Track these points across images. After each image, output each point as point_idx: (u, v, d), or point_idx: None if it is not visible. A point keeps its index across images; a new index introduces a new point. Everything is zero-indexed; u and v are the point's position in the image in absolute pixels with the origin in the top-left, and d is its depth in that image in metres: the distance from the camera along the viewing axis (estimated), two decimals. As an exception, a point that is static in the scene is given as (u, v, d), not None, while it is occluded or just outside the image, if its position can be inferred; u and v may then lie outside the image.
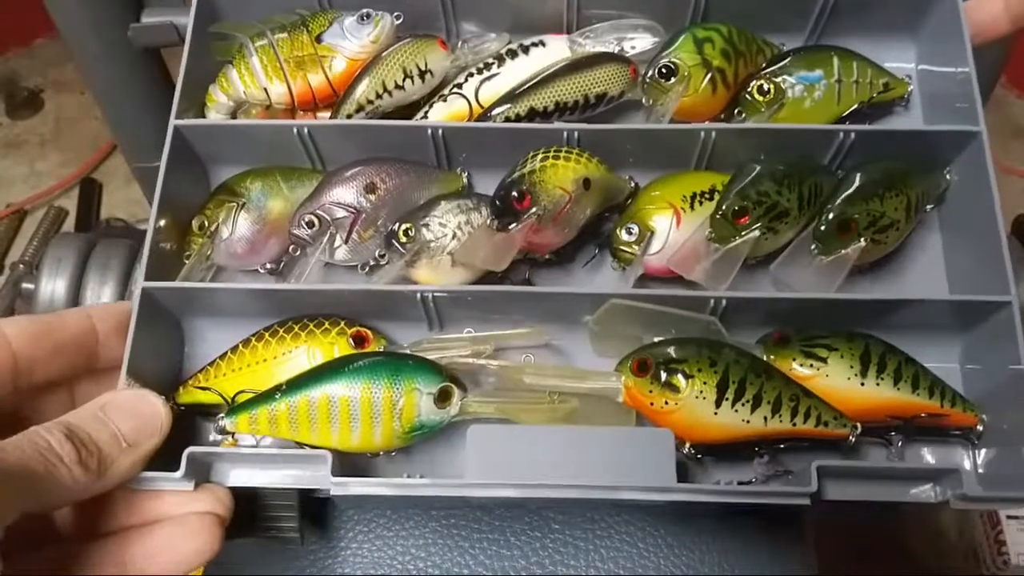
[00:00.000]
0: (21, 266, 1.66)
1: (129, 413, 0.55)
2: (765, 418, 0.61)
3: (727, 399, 0.60)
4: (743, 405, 0.61)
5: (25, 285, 0.88)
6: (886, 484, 0.60)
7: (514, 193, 0.64)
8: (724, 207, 0.64)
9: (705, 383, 0.61)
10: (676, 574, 0.72)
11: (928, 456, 0.65)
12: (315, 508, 0.73)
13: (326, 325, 0.65)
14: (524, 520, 0.74)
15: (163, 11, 0.89)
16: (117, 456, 0.53)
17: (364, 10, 0.72)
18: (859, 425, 0.62)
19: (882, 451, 0.65)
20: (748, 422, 0.61)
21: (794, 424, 0.61)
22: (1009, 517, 1.13)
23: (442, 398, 0.60)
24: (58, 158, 1.97)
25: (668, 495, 0.58)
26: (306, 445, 0.60)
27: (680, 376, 0.61)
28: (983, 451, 0.64)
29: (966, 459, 0.64)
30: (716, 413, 0.60)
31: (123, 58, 0.93)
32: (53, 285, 0.79)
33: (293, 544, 0.64)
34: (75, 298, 0.79)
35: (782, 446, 0.63)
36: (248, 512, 0.61)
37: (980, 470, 0.63)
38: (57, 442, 0.49)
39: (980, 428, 0.63)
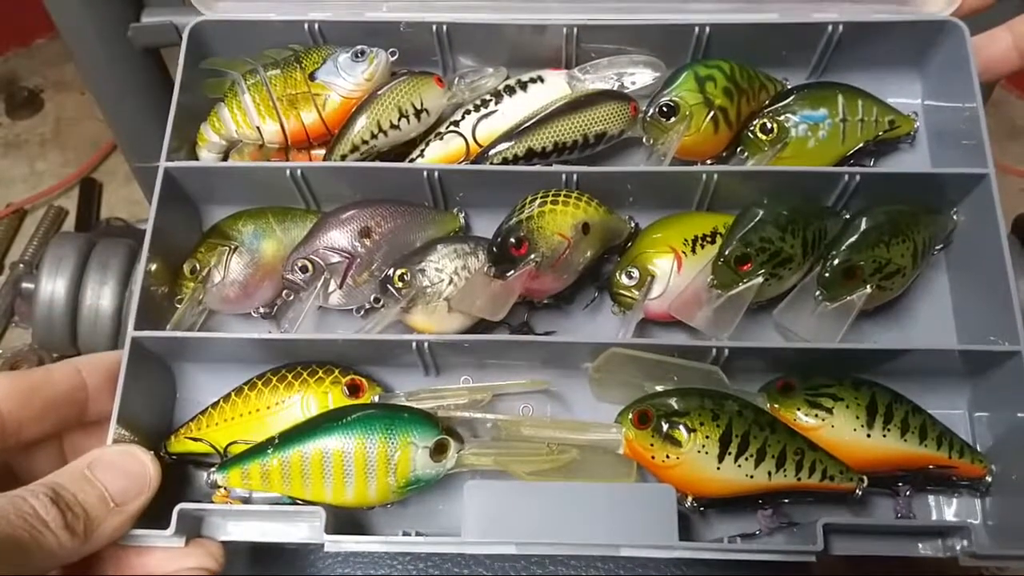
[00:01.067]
0: (21, 266, 1.66)
1: (117, 472, 0.54)
2: (769, 473, 0.59)
3: (730, 453, 0.59)
4: (746, 460, 0.59)
5: (25, 285, 0.87)
6: (894, 540, 0.59)
7: (511, 240, 0.62)
8: (727, 253, 0.63)
9: (707, 437, 0.59)
10: (676, 574, 0.71)
11: (936, 508, 0.64)
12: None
13: (320, 374, 0.63)
14: None
15: (163, 11, 0.88)
16: (105, 517, 0.52)
17: (359, 47, 0.71)
18: (865, 479, 0.61)
19: (889, 502, 0.64)
20: (752, 477, 0.59)
21: (799, 479, 0.60)
22: None
23: (438, 451, 0.59)
24: (58, 158, 1.95)
25: (670, 552, 0.56)
26: (299, 500, 0.58)
27: (682, 429, 0.59)
28: (992, 502, 0.62)
29: (975, 511, 0.63)
30: (719, 468, 0.59)
31: (123, 58, 0.92)
32: (53, 285, 0.78)
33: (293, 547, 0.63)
34: (75, 297, 0.77)
35: (787, 500, 0.62)
36: None
37: (989, 522, 0.62)
38: (42, 507, 0.48)
39: (989, 479, 0.62)
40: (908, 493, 0.63)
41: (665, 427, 0.60)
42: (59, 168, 1.94)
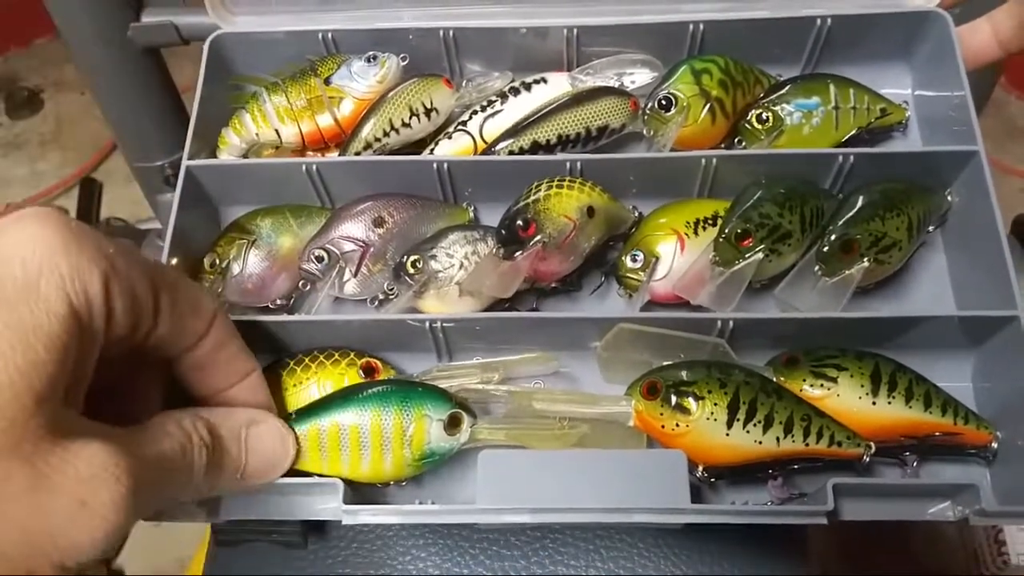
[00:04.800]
0: None
1: (264, 451, 0.54)
2: (777, 438, 0.60)
3: (738, 420, 0.60)
4: (755, 426, 0.60)
5: None
6: (903, 502, 0.59)
7: (519, 222, 0.65)
8: (727, 230, 0.65)
9: (716, 405, 0.60)
10: (676, 574, 0.71)
11: (944, 475, 0.64)
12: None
13: (336, 356, 0.65)
14: None
15: (163, 11, 0.89)
16: (224, 485, 0.52)
17: (371, 52, 0.74)
18: (872, 444, 0.62)
19: (897, 472, 0.64)
20: (760, 443, 0.60)
21: (807, 444, 0.61)
22: None
23: (452, 424, 0.60)
24: (58, 158, 1.96)
25: (682, 517, 0.57)
26: (315, 474, 0.60)
27: (690, 398, 0.61)
28: (999, 468, 0.63)
29: (983, 476, 0.64)
30: (728, 435, 0.60)
31: (123, 58, 0.93)
32: None
33: (296, 547, 0.63)
34: None
35: (796, 467, 0.63)
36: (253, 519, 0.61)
37: (997, 487, 0.63)
38: (198, 452, 0.47)
39: (995, 445, 0.63)
40: (916, 463, 0.64)
41: (674, 397, 0.61)
42: (59, 168, 1.95)
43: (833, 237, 0.66)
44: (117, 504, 0.39)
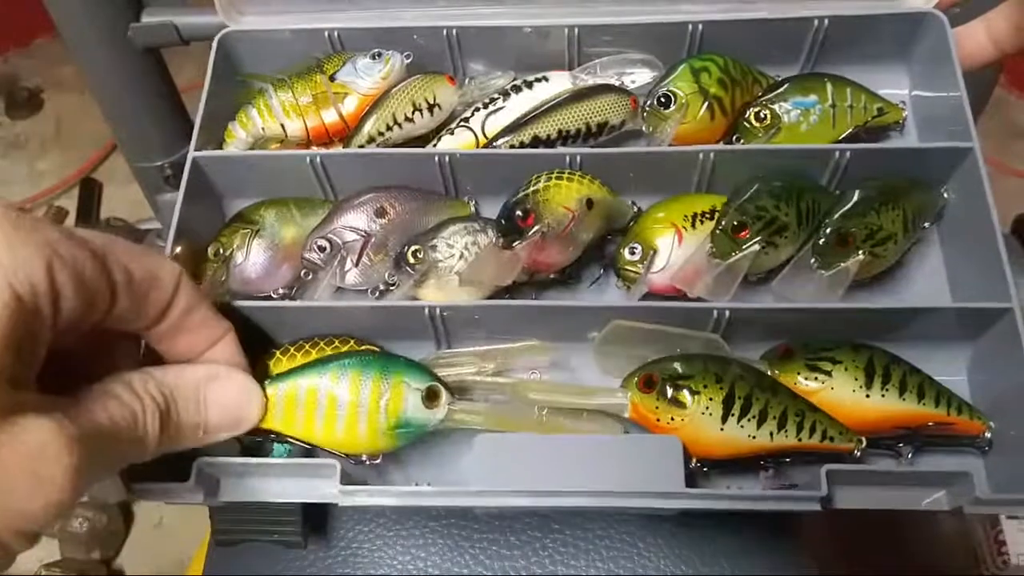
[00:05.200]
0: None
1: (228, 405, 0.54)
2: (771, 433, 0.61)
3: (733, 415, 0.61)
4: (748, 421, 0.61)
5: None
6: (898, 491, 0.60)
7: (518, 212, 0.66)
8: (724, 222, 0.66)
9: (711, 399, 0.61)
10: (676, 574, 0.71)
11: (938, 466, 0.64)
12: (319, 514, 0.74)
13: (336, 343, 0.66)
14: (524, 520, 0.74)
15: (163, 11, 0.90)
16: (184, 442, 0.52)
17: (375, 49, 0.76)
18: (864, 439, 0.62)
19: (891, 464, 0.65)
20: (754, 437, 0.61)
21: (800, 439, 0.61)
22: (1009, 517, 1.11)
23: (430, 398, 0.60)
24: (58, 158, 1.96)
25: (677, 501, 0.58)
26: (289, 439, 0.60)
27: (686, 392, 0.61)
28: (993, 458, 0.63)
29: (977, 467, 0.64)
30: (722, 429, 0.61)
31: (123, 58, 0.93)
32: None
33: (296, 547, 0.63)
34: None
35: (788, 459, 0.63)
36: (253, 519, 0.61)
37: (992, 477, 0.63)
38: (151, 416, 0.48)
39: (988, 435, 0.63)
40: (910, 454, 0.64)
41: (670, 390, 0.61)
42: (59, 168, 1.95)
43: (829, 230, 0.66)
44: (68, 475, 0.40)
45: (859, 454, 0.62)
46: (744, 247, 0.66)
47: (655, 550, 0.73)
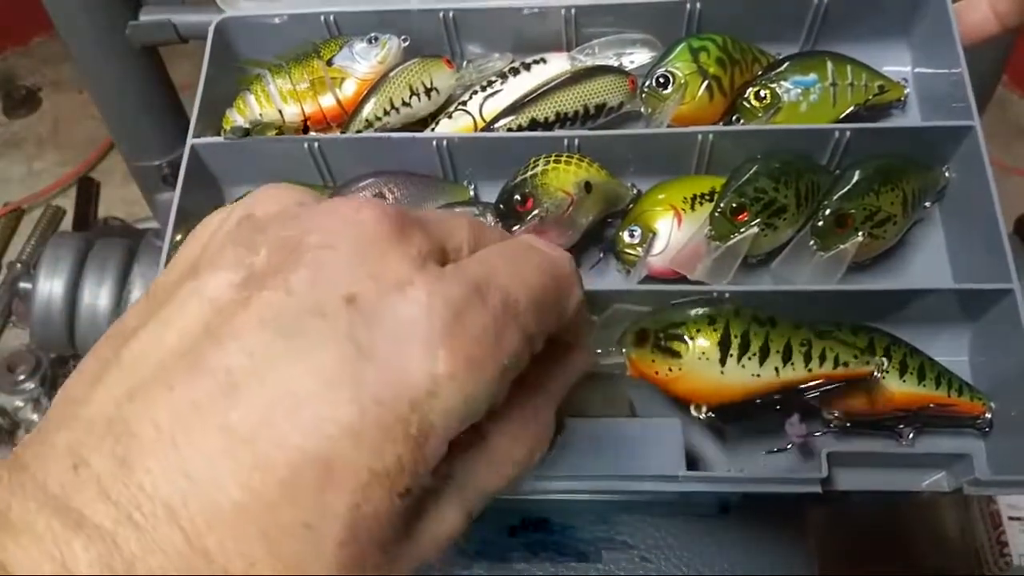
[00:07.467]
0: (18, 265, 1.65)
1: None
2: (776, 368, 0.59)
3: (731, 355, 0.59)
4: (749, 359, 0.59)
5: (22, 284, 0.88)
6: (898, 472, 0.60)
7: (516, 196, 0.66)
8: (722, 205, 0.66)
9: (707, 342, 0.60)
10: (676, 574, 0.72)
11: (939, 447, 0.64)
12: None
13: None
14: (524, 521, 0.74)
15: (161, 9, 0.90)
16: None
17: (372, 34, 0.75)
18: (885, 360, 0.61)
19: (892, 444, 0.65)
20: (758, 376, 0.59)
21: (809, 370, 0.59)
22: (1011, 519, 1.11)
23: None
24: (55, 157, 1.95)
25: (677, 485, 0.58)
26: None
27: (678, 341, 0.60)
28: (994, 440, 0.63)
29: (978, 448, 0.64)
30: (723, 372, 0.59)
31: (121, 57, 0.93)
32: (50, 285, 0.79)
33: None
34: (73, 297, 0.78)
35: (811, 397, 0.60)
36: None
37: (992, 458, 0.63)
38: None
39: (989, 416, 0.63)
40: (911, 435, 0.64)
41: (663, 341, 0.60)
42: (56, 167, 1.94)
43: (827, 211, 0.66)
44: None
45: (880, 375, 0.61)
46: (743, 229, 0.65)
47: (656, 551, 0.73)
